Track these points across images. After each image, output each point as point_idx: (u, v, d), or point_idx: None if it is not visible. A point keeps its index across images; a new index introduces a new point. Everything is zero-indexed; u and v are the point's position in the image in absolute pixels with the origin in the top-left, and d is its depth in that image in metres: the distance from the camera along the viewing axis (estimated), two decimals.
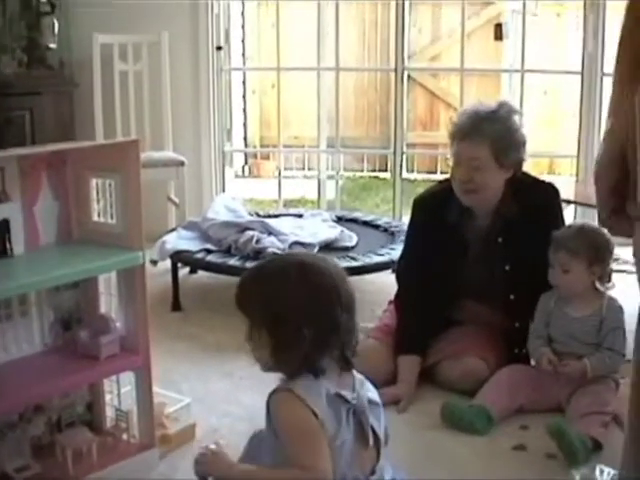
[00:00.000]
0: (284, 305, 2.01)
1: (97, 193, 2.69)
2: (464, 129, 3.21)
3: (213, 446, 2.16)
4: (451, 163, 3.30)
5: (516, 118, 3.28)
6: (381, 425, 2.16)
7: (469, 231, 3.35)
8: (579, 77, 5.42)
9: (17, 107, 5.34)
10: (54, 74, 5.56)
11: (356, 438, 2.05)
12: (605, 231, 3.18)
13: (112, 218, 2.65)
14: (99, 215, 2.70)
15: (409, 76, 6.13)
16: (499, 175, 3.23)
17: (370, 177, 8.81)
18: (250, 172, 8.99)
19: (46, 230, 2.68)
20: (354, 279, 4.39)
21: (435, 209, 3.36)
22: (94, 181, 2.68)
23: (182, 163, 5.13)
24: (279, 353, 2.03)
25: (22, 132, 5.31)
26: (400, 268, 3.58)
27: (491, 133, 3.17)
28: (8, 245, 2.55)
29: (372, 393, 2.16)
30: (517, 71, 5.91)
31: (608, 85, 5.21)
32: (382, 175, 8.73)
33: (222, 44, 5.81)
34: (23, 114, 5.36)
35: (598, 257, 3.08)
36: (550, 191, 3.39)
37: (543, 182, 3.48)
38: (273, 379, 3.23)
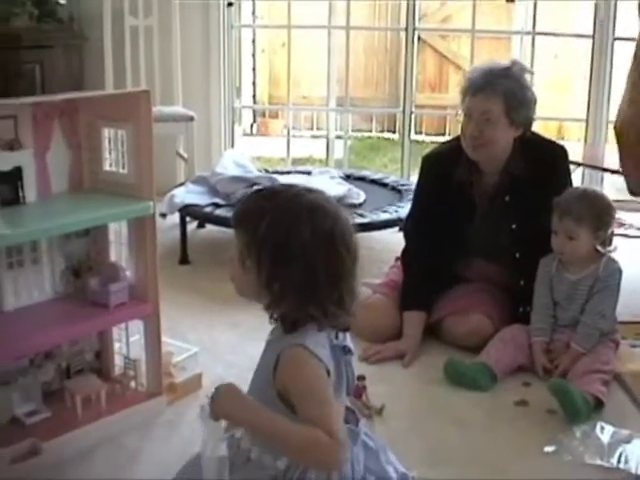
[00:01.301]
0: (299, 235, 1.84)
1: (109, 143, 2.71)
2: (477, 83, 3.21)
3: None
4: (461, 119, 3.30)
5: (528, 77, 3.29)
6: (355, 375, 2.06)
7: (477, 189, 3.35)
8: (590, 41, 5.41)
9: (28, 60, 5.35)
10: (64, 28, 5.57)
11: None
12: (606, 195, 3.22)
13: (123, 168, 2.67)
14: (111, 165, 2.72)
15: (419, 37, 6.09)
16: (509, 132, 3.23)
17: (378, 138, 8.80)
18: (258, 130, 8.98)
19: (58, 178, 2.70)
20: (361, 236, 4.42)
21: (444, 167, 3.37)
22: (106, 131, 2.69)
23: (192, 118, 5.14)
24: (287, 293, 1.86)
25: (32, 84, 5.32)
26: (408, 225, 3.59)
27: (504, 88, 3.17)
28: (20, 192, 2.57)
29: (349, 342, 2.01)
30: (528, 33, 5.89)
31: (619, 49, 5.24)
32: (390, 136, 8.73)
33: (233, 0, 5.79)
34: (33, 67, 5.37)
35: (602, 222, 3.09)
36: (559, 151, 3.39)
37: (552, 142, 3.49)
38: None
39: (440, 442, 2.65)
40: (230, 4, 5.76)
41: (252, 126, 8.96)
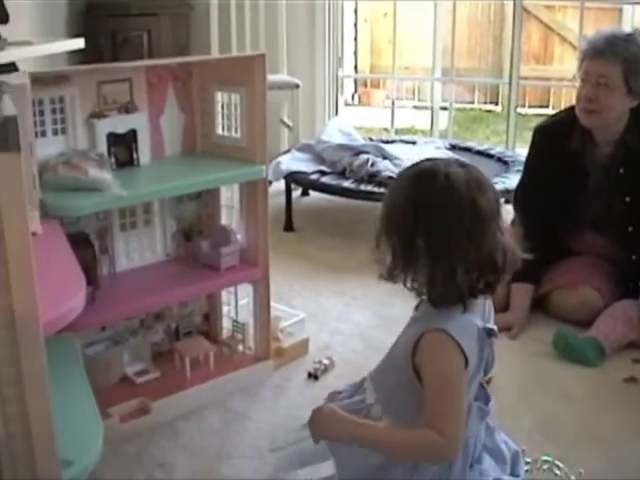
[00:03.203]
0: (446, 208, 1.81)
1: (222, 107, 2.72)
2: (598, 46, 3.12)
3: (330, 404, 2.00)
4: (578, 83, 3.22)
5: None
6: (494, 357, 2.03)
7: (590, 160, 3.27)
8: None
9: (135, 28, 5.43)
10: None
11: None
12: None
13: (236, 132, 2.67)
14: (223, 129, 2.73)
15: (524, 8, 5.96)
16: (625, 100, 3.14)
17: (480, 109, 8.69)
18: (360, 100, 8.95)
19: (171, 141, 2.73)
20: None
21: (557, 136, 3.29)
22: (219, 95, 2.70)
23: (297, 86, 5.13)
24: (457, 271, 1.80)
25: (140, 51, 5.39)
26: (518, 195, 3.53)
27: (625, 53, 3.07)
28: (135, 155, 2.60)
29: (493, 322, 2.00)
30: None
31: None
32: (492, 108, 8.62)
33: None
34: (141, 34, 5.44)
35: None
36: None
37: None
38: (385, 300, 3.29)
39: (548, 416, 2.61)
40: None
41: (353, 96, 8.93)
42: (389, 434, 1.86)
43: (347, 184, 4.12)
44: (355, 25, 8.87)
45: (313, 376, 2.80)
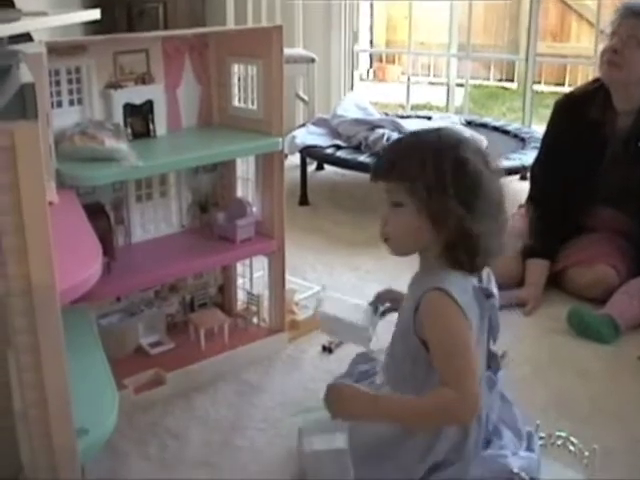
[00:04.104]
0: (474, 170, 1.82)
1: (238, 79, 2.70)
2: (635, 8, 3.13)
3: (345, 381, 2.01)
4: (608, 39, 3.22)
5: None
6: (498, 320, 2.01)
7: (610, 131, 3.25)
8: None
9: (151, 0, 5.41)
10: None
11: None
12: None
13: (253, 104, 2.66)
14: (240, 101, 2.71)
15: None
16: None
17: (496, 86, 8.65)
18: (375, 76, 8.91)
19: (188, 113, 2.72)
20: None
21: (578, 105, 3.29)
22: (236, 67, 2.69)
23: (313, 60, 5.11)
24: (470, 233, 1.81)
25: (155, 23, 5.39)
26: (535, 169, 3.51)
27: None
28: (151, 126, 2.60)
29: (493, 285, 1.99)
30: None
31: None
32: (508, 85, 8.58)
33: None
34: (156, 6, 5.44)
35: None
36: None
37: None
38: (398, 274, 3.29)
39: (562, 391, 2.60)
40: None
41: (368, 71, 8.90)
42: (407, 402, 1.85)
43: (362, 158, 4.11)
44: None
45: (327, 349, 2.80)
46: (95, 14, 4.11)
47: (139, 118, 2.57)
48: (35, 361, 1.50)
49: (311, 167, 4.76)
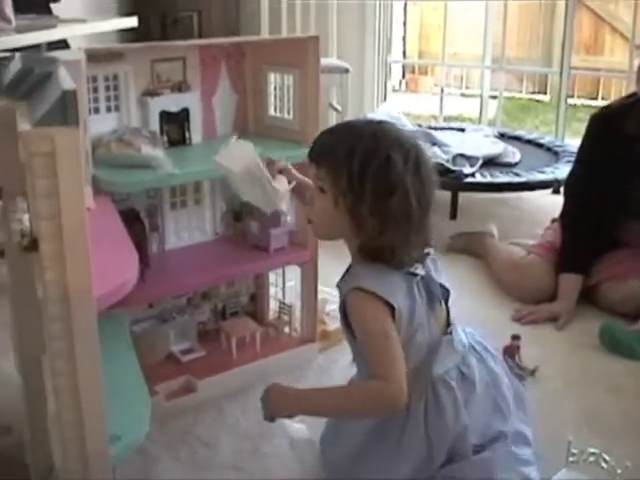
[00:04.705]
0: (395, 165, 1.81)
1: (274, 88, 2.71)
2: None
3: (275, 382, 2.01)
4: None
5: None
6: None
7: None
8: None
9: (186, 8, 5.47)
10: None
11: (428, 304, 1.98)
12: None
13: (289, 113, 2.67)
14: (275, 110, 2.72)
15: None
16: None
17: (529, 99, 8.62)
18: (407, 87, 8.91)
19: (223, 121, 2.73)
20: (513, 197, 4.40)
21: (614, 120, 3.26)
22: (272, 75, 2.69)
23: (347, 70, 5.11)
24: (387, 227, 1.83)
25: (190, 32, 5.42)
26: (569, 184, 3.49)
27: None
28: (187, 134, 2.61)
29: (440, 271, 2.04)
30: None
31: None
32: (541, 97, 8.55)
33: None
34: (191, 15, 5.47)
35: None
36: None
37: None
38: None
39: (593, 408, 2.58)
40: None
41: (401, 82, 8.89)
42: (334, 394, 1.94)
43: None
44: (404, 9, 8.81)
45: None
46: (132, 22, 4.15)
47: (175, 126, 2.58)
48: (70, 366, 1.50)
49: None
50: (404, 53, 8.96)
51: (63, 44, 3.60)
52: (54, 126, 1.37)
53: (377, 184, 1.80)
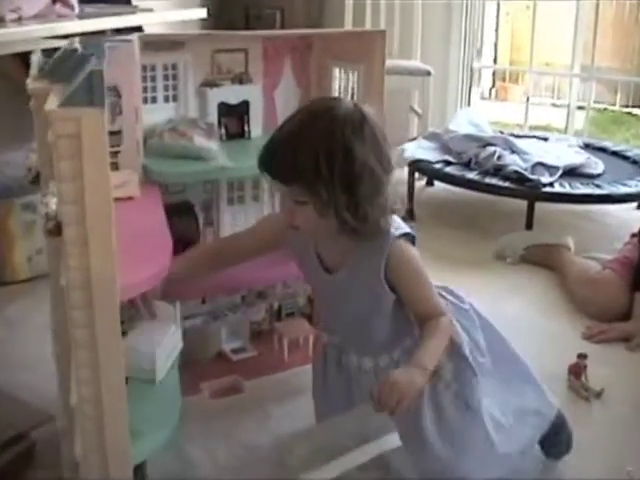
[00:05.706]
0: (357, 148, 1.81)
1: (339, 83, 2.63)
2: None
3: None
4: None
5: None
6: None
7: None
8: None
9: (269, 5, 5.44)
10: None
11: None
12: None
13: None
14: None
15: None
16: None
17: (622, 112, 8.38)
18: (497, 96, 8.76)
19: (285, 115, 2.61)
20: (595, 210, 4.25)
21: None
22: (337, 70, 2.61)
23: (429, 73, 5.00)
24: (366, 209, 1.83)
25: (272, 28, 5.37)
26: None
27: None
28: (246, 127, 2.55)
29: None
30: None
31: None
32: (635, 111, 8.30)
33: None
34: (274, 12, 5.45)
35: None
36: None
37: None
38: (502, 295, 3.17)
39: None
40: None
41: (491, 91, 8.76)
42: (434, 344, 1.91)
43: (472, 175, 3.99)
44: (497, 17, 8.67)
45: None
46: (201, 13, 4.09)
47: (234, 118, 2.53)
48: (91, 357, 1.46)
49: (421, 182, 4.66)
50: (495, 60, 8.81)
51: (139, 31, 3.58)
52: (79, 107, 1.32)
53: (348, 179, 1.79)
